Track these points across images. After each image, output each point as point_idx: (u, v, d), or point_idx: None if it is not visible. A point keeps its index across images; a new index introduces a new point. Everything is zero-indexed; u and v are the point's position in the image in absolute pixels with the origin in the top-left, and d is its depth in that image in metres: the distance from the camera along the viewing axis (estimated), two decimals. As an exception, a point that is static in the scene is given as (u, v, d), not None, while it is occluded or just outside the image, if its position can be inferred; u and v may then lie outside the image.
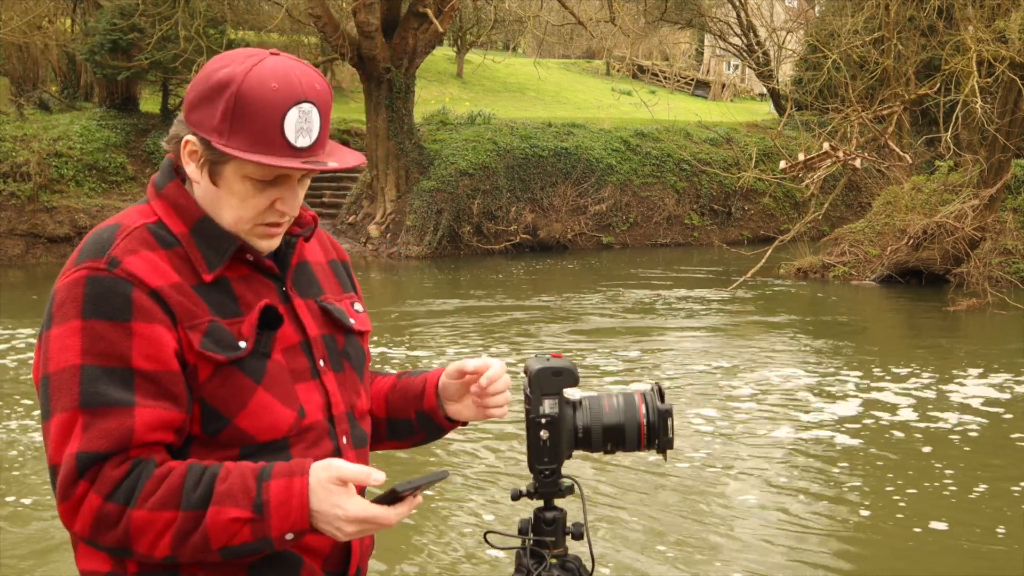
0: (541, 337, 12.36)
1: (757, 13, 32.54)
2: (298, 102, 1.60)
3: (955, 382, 9.77)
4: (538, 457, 1.76)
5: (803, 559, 5.52)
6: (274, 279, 1.74)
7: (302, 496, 1.52)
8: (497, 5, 27.23)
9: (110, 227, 1.65)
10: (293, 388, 1.68)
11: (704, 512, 6.24)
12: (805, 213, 19.67)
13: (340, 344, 1.79)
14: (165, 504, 1.51)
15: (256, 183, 1.64)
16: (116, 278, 1.57)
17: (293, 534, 1.53)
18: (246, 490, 1.52)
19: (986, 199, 16.05)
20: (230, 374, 1.62)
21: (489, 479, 6.76)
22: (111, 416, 1.53)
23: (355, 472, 1.53)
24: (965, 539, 5.86)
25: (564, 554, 1.77)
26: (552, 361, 1.77)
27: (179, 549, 1.52)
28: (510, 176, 22.87)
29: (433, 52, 25.72)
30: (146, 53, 21.04)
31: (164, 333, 1.58)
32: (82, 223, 20.50)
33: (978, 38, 14.17)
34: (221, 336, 1.62)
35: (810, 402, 8.99)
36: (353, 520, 1.52)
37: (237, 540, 1.52)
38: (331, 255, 1.91)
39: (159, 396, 1.56)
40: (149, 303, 1.57)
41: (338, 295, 1.85)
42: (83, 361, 1.54)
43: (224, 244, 1.66)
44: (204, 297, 1.63)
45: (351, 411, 1.78)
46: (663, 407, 1.75)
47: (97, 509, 1.52)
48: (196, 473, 1.54)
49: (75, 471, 1.52)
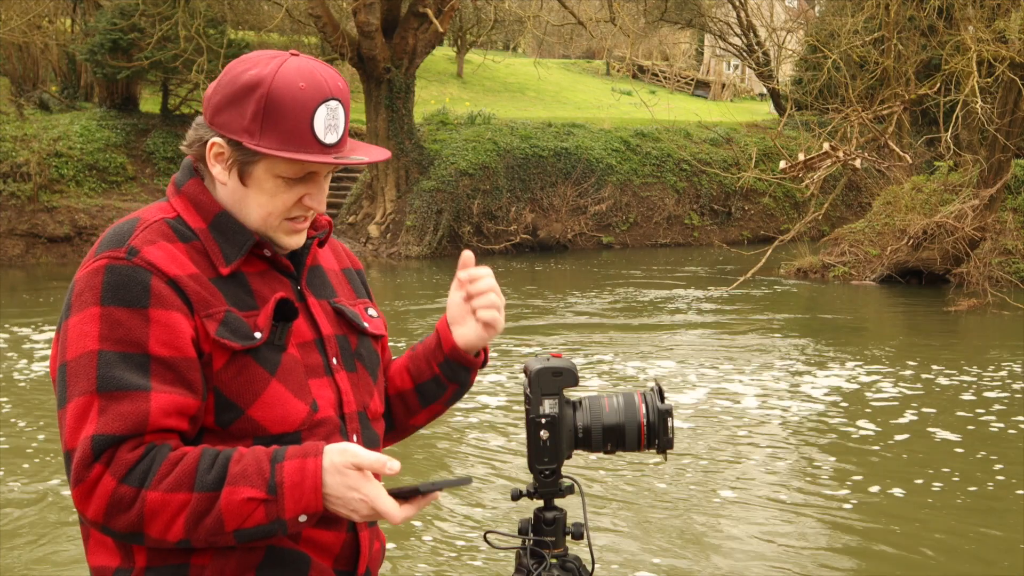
0: (540, 337, 12.37)
1: (757, 13, 32.53)
2: (325, 100, 1.65)
3: (955, 383, 9.77)
4: (538, 457, 1.76)
5: (803, 559, 5.52)
6: (289, 277, 1.76)
7: (316, 477, 1.53)
8: (497, 5, 27.22)
9: (130, 221, 1.69)
10: (307, 382, 1.70)
11: (704, 512, 6.24)
12: (805, 213, 19.67)
13: (353, 345, 1.81)
14: (179, 485, 1.52)
15: (286, 180, 1.67)
16: (135, 266, 1.60)
17: (307, 516, 1.54)
18: (260, 471, 1.53)
19: (986, 199, 16.05)
20: (245, 364, 1.64)
21: (489, 479, 6.77)
22: (127, 400, 1.54)
23: (371, 459, 1.53)
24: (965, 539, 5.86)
25: (564, 554, 1.78)
26: (552, 361, 1.77)
27: (193, 532, 1.53)
28: (510, 176, 22.88)
29: (433, 52, 25.72)
30: (146, 53, 21.03)
31: (181, 320, 1.60)
32: (82, 223, 20.51)
33: (978, 38, 14.18)
34: (237, 326, 1.64)
35: (810, 402, 8.99)
36: (367, 503, 1.53)
37: (251, 522, 1.53)
38: (345, 263, 1.94)
39: (175, 382, 1.58)
40: (167, 291, 1.60)
41: (352, 299, 1.88)
42: (101, 347, 1.56)
43: (241, 238, 1.69)
44: (221, 289, 1.66)
45: (363, 411, 1.79)
46: (663, 407, 1.76)
47: (111, 492, 1.52)
48: (210, 456, 1.56)
49: (90, 454, 1.52)
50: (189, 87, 23.27)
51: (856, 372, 10.25)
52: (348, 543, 1.73)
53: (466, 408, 8.37)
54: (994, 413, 8.61)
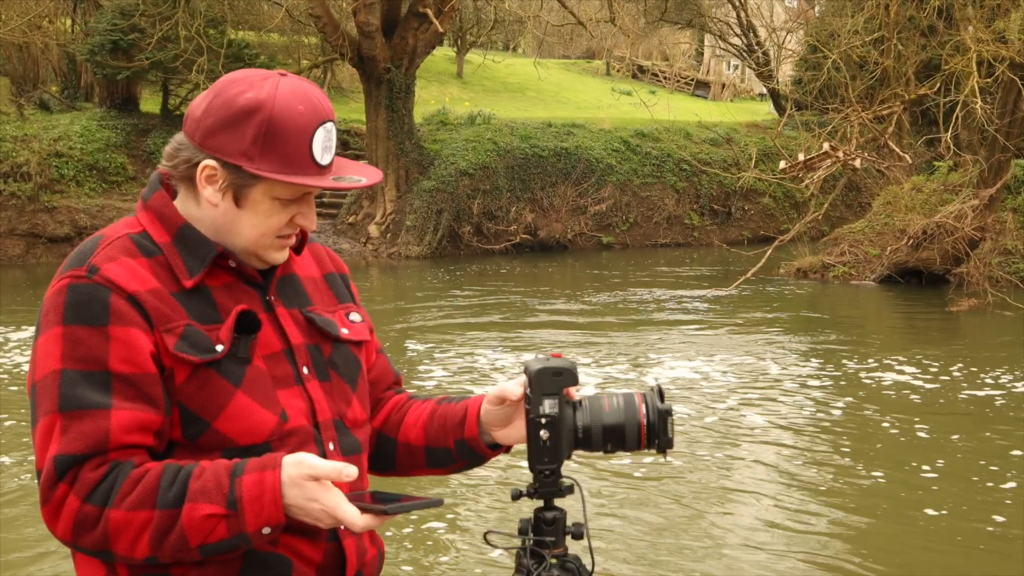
0: (540, 336, 12.37)
1: (757, 13, 32.54)
2: (322, 122, 1.66)
3: (955, 382, 9.78)
4: (538, 457, 1.75)
5: (804, 558, 5.52)
6: (257, 288, 1.75)
7: (274, 491, 1.53)
8: (497, 5, 27.21)
9: (94, 239, 1.69)
10: (274, 393, 1.69)
11: (704, 511, 6.24)
12: (805, 213, 19.67)
13: (326, 354, 1.79)
14: (142, 504, 1.53)
15: (282, 202, 1.68)
16: (95, 284, 1.60)
17: (270, 528, 1.54)
18: (219, 486, 1.53)
19: (986, 199, 16.06)
20: (207, 377, 1.63)
21: (489, 479, 6.77)
22: (88, 419, 1.55)
23: (326, 469, 1.53)
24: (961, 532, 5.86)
25: (564, 554, 1.78)
26: (552, 361, 1.77)
27: (159, 549, 1.53)
28: (510, 176, 22.88)
29: (433, 52, 25.71)
30: (146, 53, 21.03)
31: (140, 336, 1.60)
32: (82, 223, 20.51)
33: (978, 38, 14.18)
34: (197, 339, 1.63)
35: (810, 402, 8.99)
36: (327, 513, 1.53)
37: (214, 537, 1.53)
38: (328, 268, 1.92)
39: (136, 399, 1.58)
40: (126, 307, 1.60)
41: (330, 306, 1.85)
42: (63, 366, 1.57)
43: (204, 251, 1.69)
44: (183, 303, 1.65)
45: (339, 419, 1.77)
46: (663, 407, 1.76)
47: (76, 511, 1.53)
48: (171, 472, 1.55)
49: (54, 474, 1.54)
50: (189, 87, 23.26)
51: (856, 372, 10.25)
52: (331, 552, 1.72)
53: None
54: (995, 413, 8.62)
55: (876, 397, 9.17)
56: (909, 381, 9.79)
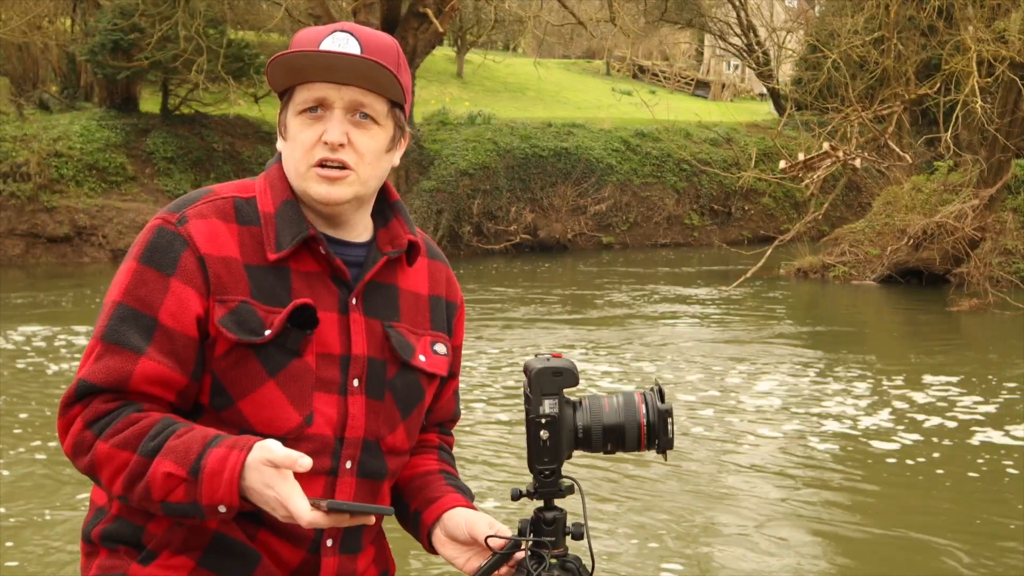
0: (539, 336, 12.37)
1: (757, 13, 32.55)
2: (336, 30, 1.67)
3: (954, 382, 9.77)
4: (538, 457, 1.75)
5: (804, 558, 5.52)
6: (342, 285, 1.71)
7: (234, 471, 1.50)
8: (497, 5, 27.21)
9: (203, 190, 1.73)
10: (311, 394, 1.65)
11: (704, 512, 6.24)
12: (805, 213, 19.69)
13: (390, 373, 1.73)
14: (126, 445, 1.56)
15: (307, 118, 1.66)
16: (176, 234, 1.64)
17: (225, 508, 1.52)
18: (189, 451, 1.53)
19: (986, 199, 16.06)
20: (245, 357, 1.62)
21: (488, 479, 6.77)
22: (119, 356, 1.59)
23: (282, 455, 1.50)
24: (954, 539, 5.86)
25: (564, 554, 1.77)
26: (552, 361, 1.76)
27: (129, 491, 1.56)
28: (510, 176, 22.89)
29: (433, 52, 25.72)
30: (146, 53, 21.04)
31: (194, 298, 1.62)
32: (82, 223, 20.52)
33: (978, 38, 14.18)
34: (247, 318, 1.62)
35: (809, 402, 8.99)
36: (280, 502, 1.50)
37: (173, 497, 1.53)
38: (438, 291, 1.87)
39: (170, 354, 1.61)
40: (193, 267, 1.62)
41: (419, 328, 1.79)
42: (123, 299, 1.63)
43: (297, 228, 1.67)
44: (253, 278, 1.64)
45: (375, 440, 1.72)
46: (663, 407, 1.75)
47: (78, 433, 1.59)
48: (163, 425, 1.57)
49: (74, 394, 1.61)
50: (189, 87, 23.27)
51: (856, 371, 10.25)
52: (308, 563, 1.69)
53: (466, 407, 8.37)
54: (994, 413, 8.61)
55: (876, 397, 9.17)
56: (909, 381, 9.79)
